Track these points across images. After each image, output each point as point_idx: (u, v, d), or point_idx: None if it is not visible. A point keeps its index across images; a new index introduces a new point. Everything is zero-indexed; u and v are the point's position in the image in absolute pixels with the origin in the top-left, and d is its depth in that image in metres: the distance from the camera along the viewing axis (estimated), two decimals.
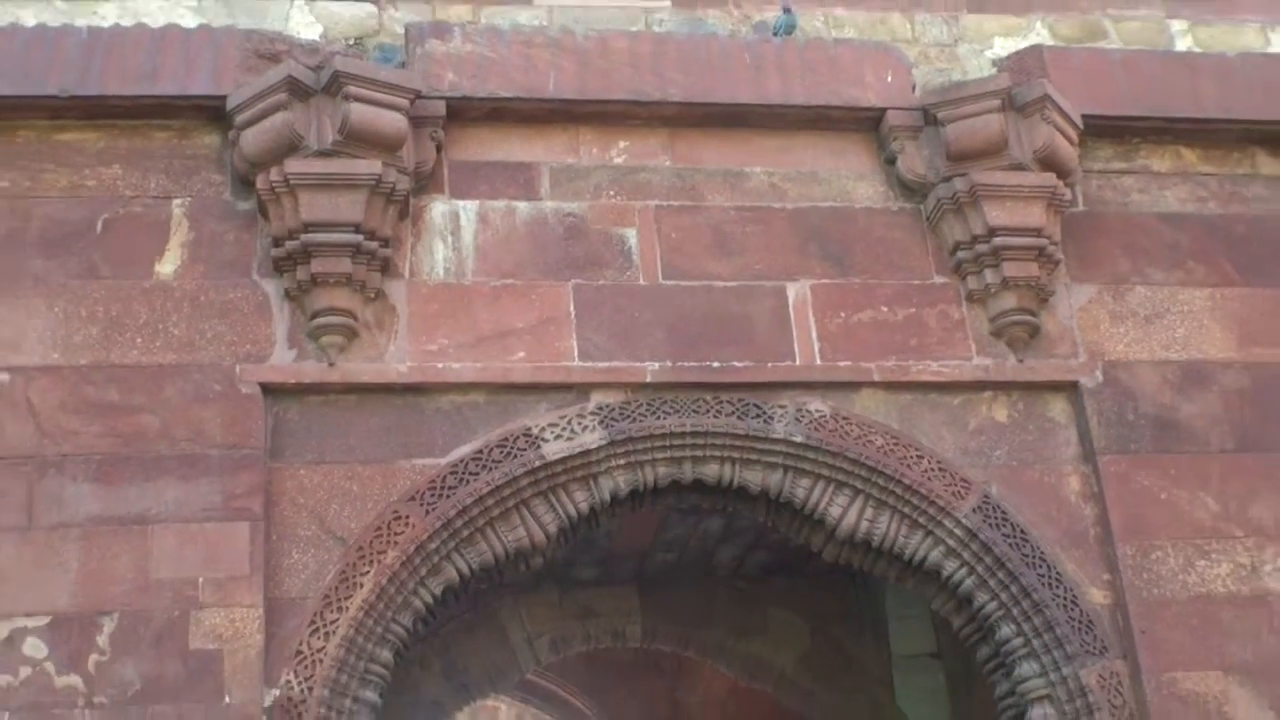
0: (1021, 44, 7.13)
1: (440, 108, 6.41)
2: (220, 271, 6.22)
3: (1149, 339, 6.77)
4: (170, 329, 6.08)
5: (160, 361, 6.02)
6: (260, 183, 6.13)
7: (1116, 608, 6.31)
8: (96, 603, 5.61)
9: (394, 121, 6.17)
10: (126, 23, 6.61)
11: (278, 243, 6.14)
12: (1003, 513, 6.38)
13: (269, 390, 6.05)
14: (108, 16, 6.63)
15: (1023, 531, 6.35)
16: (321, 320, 6.09)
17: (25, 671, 5.46)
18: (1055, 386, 6.69)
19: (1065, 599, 6.28)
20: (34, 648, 5.52)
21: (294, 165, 6.06)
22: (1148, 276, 6.88)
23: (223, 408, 5.97)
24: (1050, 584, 6.28)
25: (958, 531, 6.33)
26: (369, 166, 6.10)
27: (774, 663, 8.95)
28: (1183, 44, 7.47)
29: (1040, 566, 6.31)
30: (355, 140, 6.10)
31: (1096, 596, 6.33)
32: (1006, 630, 6.33)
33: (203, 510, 5.79)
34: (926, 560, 6.39)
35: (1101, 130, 6.97)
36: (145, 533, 5.74)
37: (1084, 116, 6.83)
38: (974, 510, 6.35)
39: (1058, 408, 6.68)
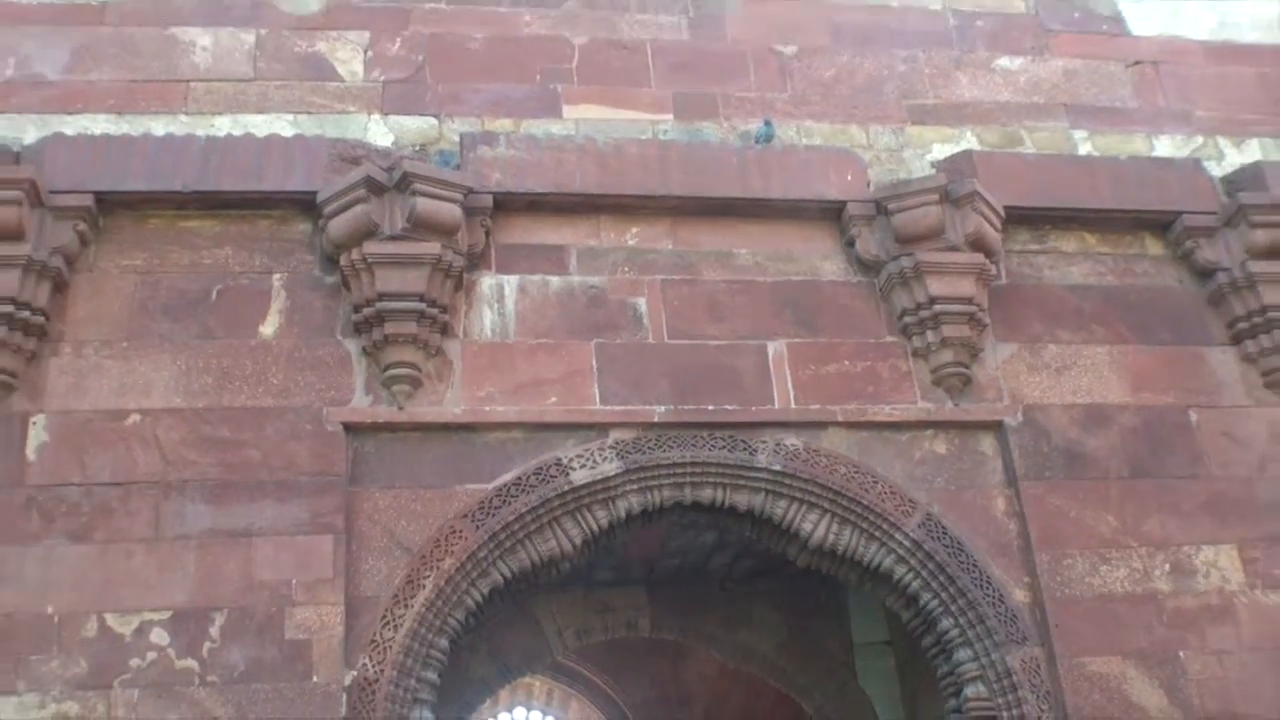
0: (955, 149, 7.14)
1: (488, 200, 6.41)
2: (311, 332, 6.21)
3: (1059, 387, 6.75)
4: (270, 379, 6.07)
5: (262, 405, 6.00)
6: (343, 261, 6.14)
7: (1035, 605, 6.26)
8: (209, 600, 5.58)
9: (451, 212, 6.17)
10: (237, 133, 6.61)
11: (357, 309, 6.13)
12: (942, 528, 6.34)
13: (350, 429, 6.03)
14: (222, 128, 6.63)
15: (959, 543, 6.32)
16: (392, 372, 6.08)
17: (151, 656, 5.44)
18: (984, 425, 6.65)
19: (993, 598, 6.23)
20: (159, 636, 5.49)
21: (371, 247, 6.06)
22: (1058, 336, 6.86)
23: (312, 443, 5.95)
24: (981, 585, 6.25)
25: (906, 543, 6.30)
26: (431, 248, 6.09)
27: (757, 649, 8.90)
28: (1084, 149, 7.46)
29: (973, 571, 6.27)
30: (420, 227, 6.09)
31: (1019, 596, 6.27)
32: (946, 623, 6.30)
33: (295, 525, 5.77)
34: (881, 566, 6.35)
35: (1019, 218, 6.95)
36: (249, 543, 5.71)
37: (1005, 207, 6.81)
38: (919, 526, 6.31)
39: (986, 442, 6.64)
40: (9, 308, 5.79)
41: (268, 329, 6.20)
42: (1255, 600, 6.42)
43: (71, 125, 6.53)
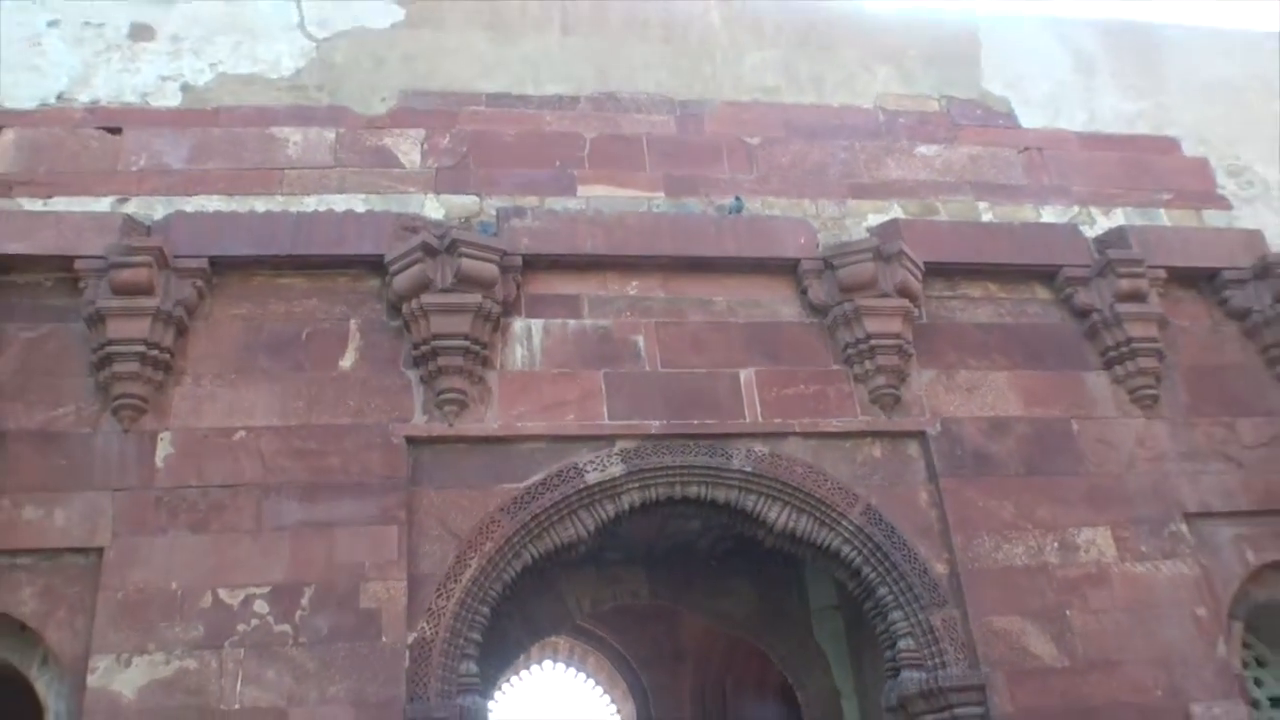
0: (885, 218, 7.16)
1: (519, 261, 6.39)
2: (380, 365, 6.19)
3: (969, 403, 6.72)
4: (348, 402, 6.05)
5: (341, 423, 5.98)
6: (405, 309, 6.13)
7: (952, 575, 6.21)
8: (300, 577, 5.56)
9: (490, 270, 6.16)
10: (321, 209, 6.63)
11: (416, 347, 6.12)
12: (879, 516, 6.30)
13: (410, 441, 5.99)
14: (309, 205, 6.64)
15: (891, 528, 6.27)
16: (444, 396, 6.05)
17: (254, 622, 5.42)
18: (911, 434, 6.61)
19: (919, 570, 6.19)
20: (260, 606, 5.47)
21: (426, 298, 6.06)
22: (968, 364, 6.84)
23: (381, 453, 5.92)
24: (909, 561, 6.21)
25: (850, 528, 6.27)
26: (474, 298, 6.08)
27: (734, 613, 8.86)
28: (986, 217, 7.49)
29: (903, 550, 6.23)
30: (465, 282, 6.08)
31: (939, 568, 6.23)
32: (882, 591, 6.26)
33: (367, 518, 5.73)
34: (831, 546, 6.31)
35: (936, 271, 6.92)
36: (331, 533, 5.68)
37: (925, 263, 6.80)
38: (860, 514, 6.28)
39: (913, 448, 6.60)
40: (141, 347, 5.82)
41: (346, 363, 6.18)
42: (1125, 570, 6.40)
43: (191, 205, 6.55)
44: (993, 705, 5.86)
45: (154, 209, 6.45)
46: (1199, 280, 7.41)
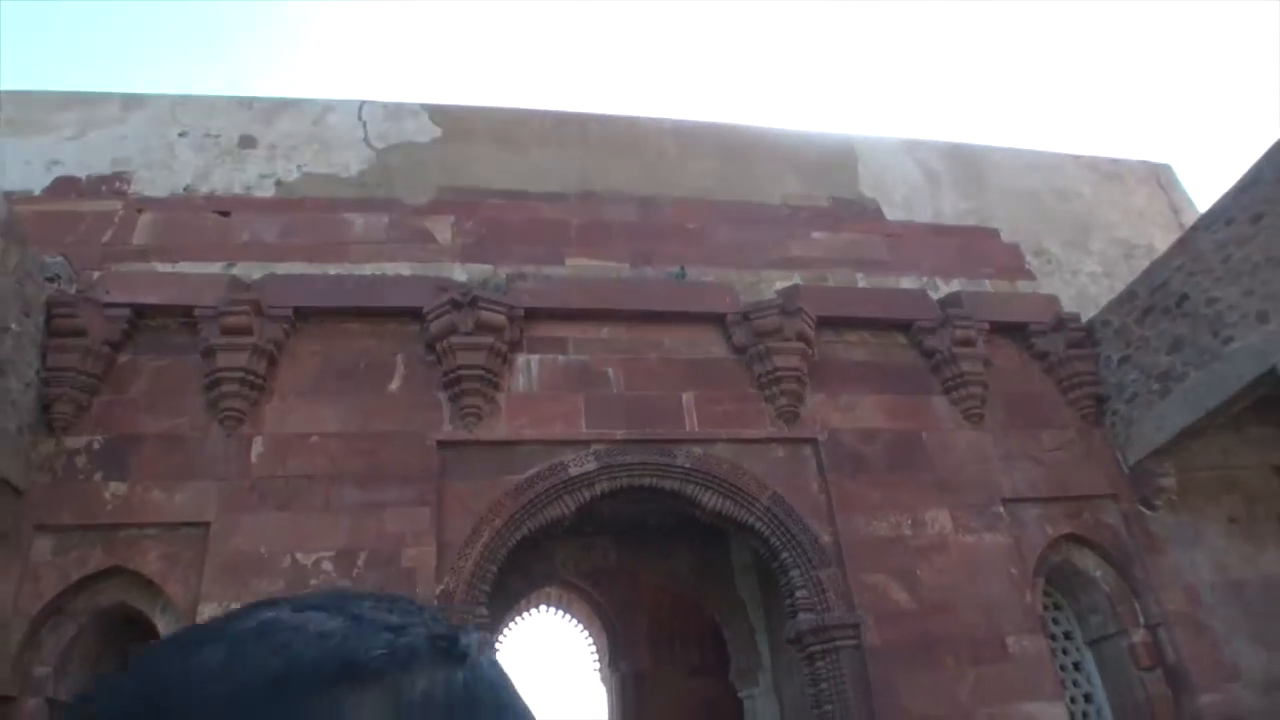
0: (789, 284, 7.19)
1: (522, 312, 6.38)
2: (419, 388, 6.15)
3: (849, 418, 6.76)
4: (395, 415, 6.01)
5: (390, 430, 5.94)
6: (438, 347, 6.12)
7: (835, 543, 6.23)
8: (357, 545, 5.51)
9: (500, 319, 6.16)
10: (378, 274, 6.62)
11: (445, 375, 6.10)
12: (782, 500, 6.31)
13: (440, 444, 5.96)
14: (368, 270, 6.62)
15: (791, 508, 6.29)
16: (465, 410, 6.03)
17: (322, 577, 5.38)
18: (806, 441, 6.62)
19: (811, 540, 6.20)
20: (327, 566, 5.42)
21: (454, 339, 6.05)
22: (848, 389, 6.88)
23: (419, 452, 5.88)
24: (804, 533, 6.22)
25: (762, 509, 6.27)
26: (488, 340, 6.08)
27: (678, 573, 8.82)
28: (861, 284, 7.56)
29: (800, 524, 6.24)
30: (482, 327, 6.09)
31: (826, 538, 6.24)
32: (784, 554, 6.26)
33: (408, 501, 5.70)
34: (748, 522, 6.31)
35: (825, 322, 6.95)
36: (381, 512, 5.64)
37: (818, 316, 6.85)
38: (769, 499, 6.29)
39: (807, 451, 6.61)
40: (241, 374, 5.79)
41: (393, 386, 6.15)
42: (959, 540, 6.45)
43: (281, 269, 6.52)
44: (864, 638, 5.90)
45: (253, 272, 6.43)
46: (1013, 331, 7.51)
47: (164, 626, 5.40)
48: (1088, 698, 6.78)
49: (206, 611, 5.17)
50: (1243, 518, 7.23)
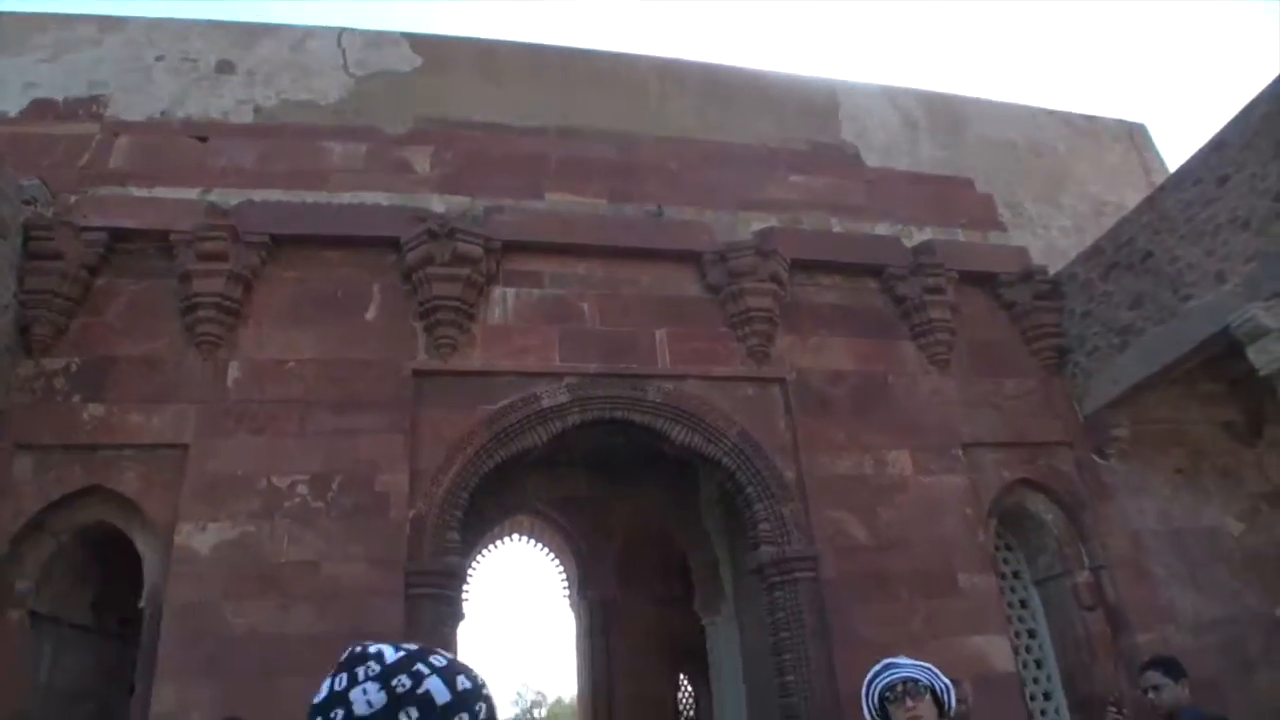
0: (764, 226, 7.19)
1: (498, 244, 6.39)
2: (395, 318, 6.17)
3: (818, 360, 6.84)
4: (371, 343, 6.04)
5: (366, 359, 5.97)
6: (414, 277, 6.13)
7: (799, 480, 6.37)
8: (332, 469, 5.59)
9: (477, 250, 6.17)
10: (356, 202, 6.56)
11: (421, 305, 6.12)
12: (749, 436, 6.43)
13: (415, 373, 6.01)
14: (346, 199, 6.57)
15: (758, 445, 6.41)
16: (440, 341, 6.07)
17: (297, 500, 5.46)
18: (775, 380, 6.71)
19: (776, 476, 6.34)
20: (302, 489, 5.51)
21: (430, 269, 6.06)
22: (818, 331, 6.96)
23: (394, 381, 5.93)
24: (769, 469, 6.36)
25: (729, 444, 6.39)
26: (464, 271, 6.10)
27: (647, 504, 8.95)
28: (836, 229, 7.57)
29: (765, 460, 6.38)
30: (458, 259, 6.09)
31: (790, 475, 6.39)
32: (749, 489, 6.39)
33: (382, 428, 5.77)
34: (715, 457, 6.42)
35: (799, 265, 7.01)
36: (355, 438, 5.71)
37: (792, 259, 6.90)
38: (737, 435, 6.40)
39: (776, 391, 6.71)
40: (217, 299, 5.78)
41: (370, 315, 6.16)
42: (919, 480, 6.62)
43: (258, 195, 6.45)
44: (822, 570, 6.09)
45: (230, 198, 6.37)
46: (982, 280, 7.59)
47: (142, 544, 5.49)
48: (1031, 633, 7.05)
49: (185, 529, 5.26)
50: (1189, 470, 7.46)
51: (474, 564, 10.42)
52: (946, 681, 2.38)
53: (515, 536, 11.71)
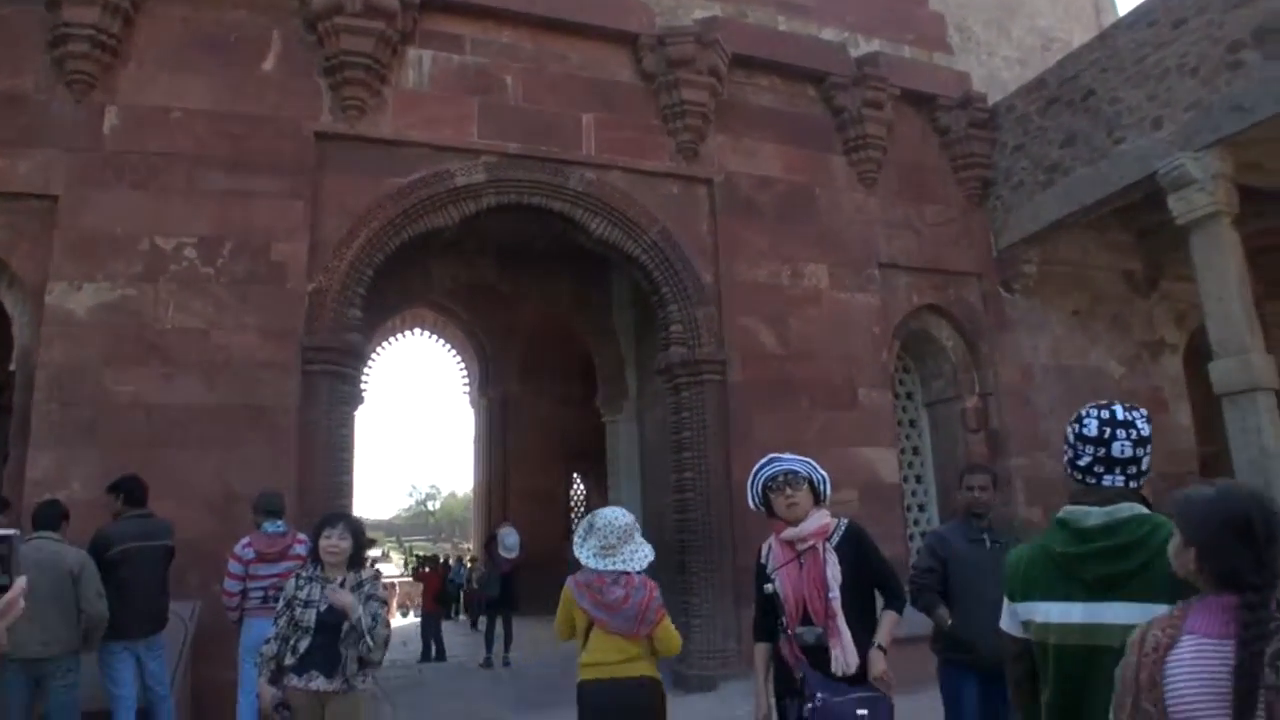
0: (708, 15, 6.65)
1: (416, 1, 5.73)
2: (296, 71, 5.57)
3: (747, 164, 6.64)
4: (268, 98, 5.48)
5: (263, 114, 5.43)
6: (320, 27, 5.52)
7: (716, 285, 6.33)
8: (222, 233, 5.19)
9: (392, 3, 5.54)
10: None
11: (327, 59, 5.55)
12: (670, 235, 6.27)
13: (318, 136, 5.52)
14: None
15: (678, 245, 6.28)
16: (348, 102, 5.56)
17: (184, 264, 5.11)
18: (702, 180, 6.49)
19: (694, 279, 6.27)
20: (190, 253, 5.14)
21: (339, 19, 5.45)
22: (750, 134, 6.68)
23: (295, 143, 5.44)
24: (688, 271, 6.27)
25: (649, 241, 6.23)
26: (378, 25, 5.50)
27: (558, 300, 8.84)
28: (782, 28, 7.13)
29: (684, 263, 6.27)
30: (371, 10, 5.47)
31: (708, 279, 6.33)
32: (665, 289, 6.31)
33: (281, 193, 5.35)
34: (633, 254, 6.27)
35: (740, 62, 6.64)
36: (249, 201, 5.28)
37: (733, 54, 6.51)
38: (658, 233, 6.24)
39: (702, 191, 6.50)
40: (91, 31, 5.08)
41: (268, 65, 5.54)
42: (832, 295, 6.67)
43: None
44: (730, 374, 6.17)
45: None
46: (921, 101, 7.42)
47: (10, 303, 5.05)
48: (915, 450, 7.43)
49: (57, 289, 4.84)
50: (1084, 312, 7.77)
51: (375, 350, 10.22)
52: (824, 474, 2.68)
53: (418, 330, 11.50)
